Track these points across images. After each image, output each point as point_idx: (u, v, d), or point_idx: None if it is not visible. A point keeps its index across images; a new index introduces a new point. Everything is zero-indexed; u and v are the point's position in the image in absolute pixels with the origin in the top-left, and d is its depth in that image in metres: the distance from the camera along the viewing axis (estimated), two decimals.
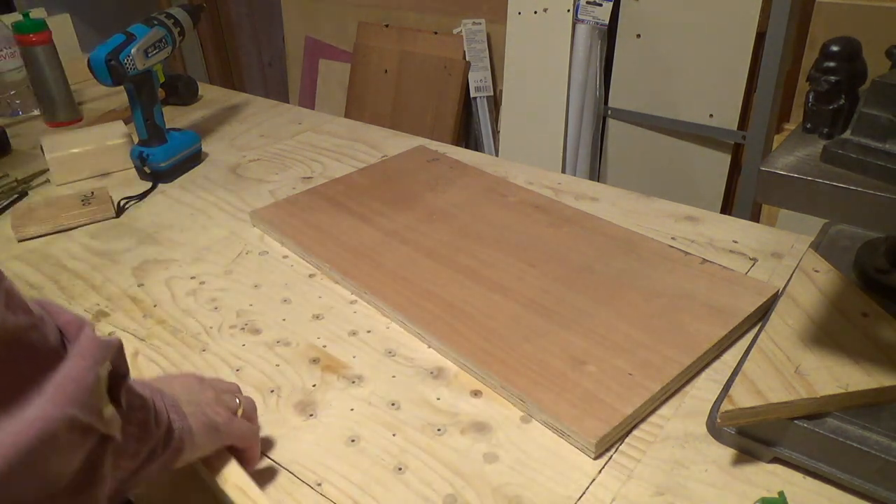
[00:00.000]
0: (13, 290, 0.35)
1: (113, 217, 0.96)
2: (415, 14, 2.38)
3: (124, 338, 0.72)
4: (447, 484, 0.54)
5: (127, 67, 0.96)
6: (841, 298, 0.62)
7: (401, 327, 0.72)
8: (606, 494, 0.53)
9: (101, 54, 0.95)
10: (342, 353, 0.69)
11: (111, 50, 0.95)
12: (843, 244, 0.70)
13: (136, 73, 0.98)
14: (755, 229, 0.85)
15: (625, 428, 0.58)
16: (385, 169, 1.03)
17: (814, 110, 0.50)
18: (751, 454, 0.55)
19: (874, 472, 0.50)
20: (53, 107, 1.27)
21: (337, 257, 0.81)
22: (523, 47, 2.08)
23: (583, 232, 0.83)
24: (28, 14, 1.23)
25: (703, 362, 0.64)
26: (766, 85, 1.61)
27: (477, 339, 0.67)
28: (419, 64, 2.35)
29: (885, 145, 0.44)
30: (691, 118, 1.89)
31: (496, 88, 2.30)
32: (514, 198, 0.92)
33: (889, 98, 0.44)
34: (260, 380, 0.66)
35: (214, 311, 0.76)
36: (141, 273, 0.83)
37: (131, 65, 0.96)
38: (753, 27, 1.71)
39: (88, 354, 0.37)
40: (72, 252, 0.89)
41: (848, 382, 0.52)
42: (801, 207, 0.47)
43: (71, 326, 0.39)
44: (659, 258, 0.77)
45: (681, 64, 1.86)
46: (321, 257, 0.81)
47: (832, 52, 0.48)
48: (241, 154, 1.14)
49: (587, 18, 1.95)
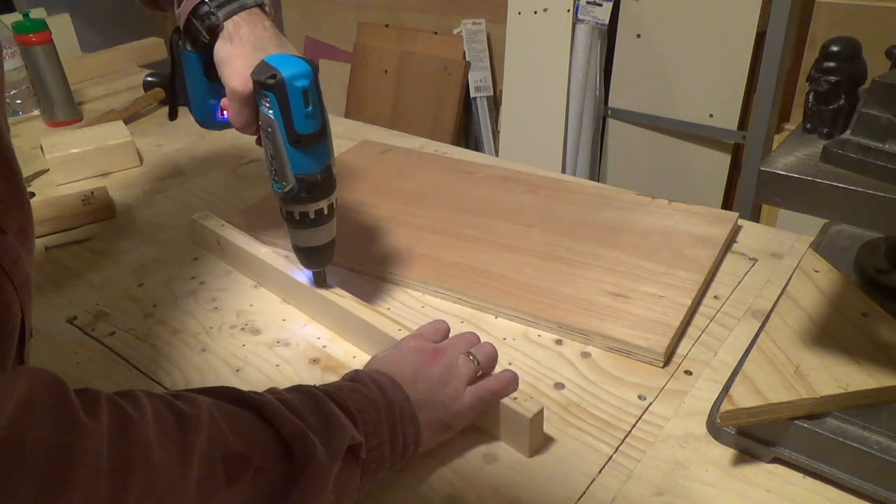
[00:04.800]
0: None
1: (113, 217, 0.96)
2: (415, 14, 2.38)
3: (124, 338, 0.72)
4: (447, 484, 0.54)
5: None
6: (841, 298, 0.61)
7: (438, 298, 0.75)
8: (606, 494, 0.53)
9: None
10: (342, 353, 0.69)
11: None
12: (843, 244, 0.70)
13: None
14: (755, 229, 0.85)
15: (676, 338, 0.67)
16: (343, 164, 1.03)
17: (814, 110, 0.50)
18: (751, 454, 0.55)
19: (874, 472, 0.50)
20: (53, 107, 1.27)
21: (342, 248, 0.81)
22: (523, 47, 2.08)
23: (559, 193, 0.91)
24: (28, 14, 1.23)
25: (708, 280, 0.75)
26: (766, 85, 1.61)
27: (521, 293, 0.73)
28: (419, 64, 2.35)
29: (885, 145, 0.44)
30: (691, 118, 1.89)
31: (496, 88, 2.30)
32: (481, 174, 0.98)
33: (889, 98, 0.44)
34: (260, 380, 0.66)
35: (214, 311, 0.76)
36: (141, 273, 0.83)
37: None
38: (753, 27, 1.71)
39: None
40: (72, 252, 0.89)
41: (848, 382, 0.52)
42: (801, 207, 0.47)
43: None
44: (634, 205, 0.87)
45: (681, 64, 1.86)
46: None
47: (832, 52, 0.48)
48: (241, 154, 1.14)
49: (587, 18, 1.95)
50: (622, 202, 0.88)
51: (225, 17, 0.60)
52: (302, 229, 0.65)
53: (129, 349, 0.71)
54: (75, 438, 0.33)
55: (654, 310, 0.69)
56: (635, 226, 0.83)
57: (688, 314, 0.69)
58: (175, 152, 1.16)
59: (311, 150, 0.60)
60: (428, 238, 0.83)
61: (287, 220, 0.65)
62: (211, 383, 0.65)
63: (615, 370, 0.65)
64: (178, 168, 1.11)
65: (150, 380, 0.66)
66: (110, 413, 0.36)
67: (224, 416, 0.43)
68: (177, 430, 0.40)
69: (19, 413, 0.32)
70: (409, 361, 0.56)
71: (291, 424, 0.45)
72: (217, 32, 0.60)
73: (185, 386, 0.65)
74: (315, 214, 0.63)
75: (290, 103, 0.57)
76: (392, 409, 0.51)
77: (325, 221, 0.64)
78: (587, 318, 0.69)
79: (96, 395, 0.37)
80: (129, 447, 0.36)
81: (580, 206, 0.88)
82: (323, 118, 0.60)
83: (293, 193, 0.61)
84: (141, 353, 0.70)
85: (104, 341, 0.72)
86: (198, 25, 0.61)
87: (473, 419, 0.58)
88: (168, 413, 0.40)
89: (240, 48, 0.59)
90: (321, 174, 0.61)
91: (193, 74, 0.67)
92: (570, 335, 0.68)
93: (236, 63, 0.59)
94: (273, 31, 0.62)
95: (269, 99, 0.57)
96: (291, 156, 0.59)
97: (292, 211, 0.63)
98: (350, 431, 0.47)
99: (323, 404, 0.48)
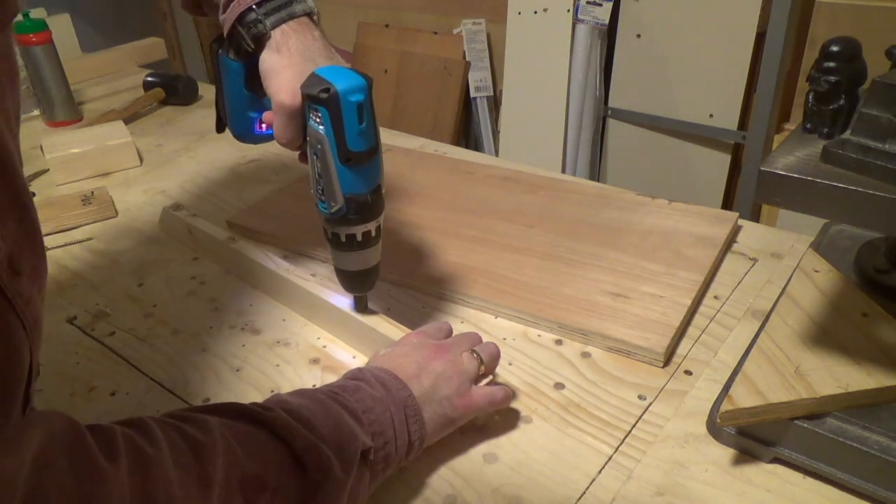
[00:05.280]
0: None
1: (113, 217, 0.96)
2: (415, 14, 2.38)
3: (124, 338, 0.72)
4: (447, 484, 0.54)
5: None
6: (841, 298, 0.61)
7: (438, 298, 0.75)
8: (606, 494, 0.53)
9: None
10: (342, 354, 0.69)
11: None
12: (843, 244, 0.70)
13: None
14: (755, 229, 0.85)
15: (676, 338, 0.67)
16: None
17: (814, 110, 0.50)
18: (751, 454, 0.55)
19: (874, 472, 0.50)
20: (53, 107, 1.27)
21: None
22: (523, 47, 2.08)
23: (558, 193, 0.91)
24: (28, 14, 1.23)
25: (708, 279, 0.75)
26: (766, 85, 1.61)
27: (521, 293, 0.73)
28: (419, 64, 2.35)
29: (885, 145, 0.44)
30: (691, 118, 1.89)
31: (496, 88, 2.30)
32: (481, 174, 0.98)
33: (889, 98, 0.44)
34: (260, 380, 0.66)
35: (214, 311, 0.76)
36: (141, 273, 0.83)
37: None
38: (753, 27, 1.71)
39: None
40: (72, 252, 0.89)
41: (848, 382, 0.52)
42: (801, 207, 0.47)
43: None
44: (634, 205, 0.87)
45: (681, 64, 1.86)
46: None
47: (832, 52, 0.48)
48: (241, 154, 1.14)
49: (587, 18, 1.95)
50: (622, 202, 0.88)
51: (273, 26, 0.56)
52: (347, 252, 0.60)
53: (129, 349, 0.71)
54: (97, 485, 0.34)
55: (654, 310, 0.69)
56: (635, 226, 0.83)
57: (688, 314, 0.69)
58: (175, 152, 1.16)
59: (362, 168, 0.56)
60: (428, 238, 0.83)
61: (331, 243, 0.61)
62: (211, 383, 0.65)
63: (615, 370, 0.65)
64: (178, 168, 1.11)
65: (151, 380, 0.66)
66: (128, 453, 0.36)
67: (237, 438, 0.43)
68: (194, 462, 0.39)
69: (39, 465, 0.32)
70: (412, 357, 0.56)
71: (303, 438, 0.45)
72: (263, 41, 0.57)
73: (185, 386, 0.65)
74: (362, 237, 0.59)
75: (343, 119, 0.53)
76: (397, 407, 0.51)
77: (372, 244, 0.61)
78: (587, 318, 0.69)
79: (112, 434, 0.37)
80: (150, 488, 0.36)
81: (580, 206, 0.88)
82: (375, 135, 0.56)
83: (340, 214, 0.57)
84: (141, 353, 0.70)
85: (104, 341, 0.72)
86: (243, 33, 0.57)
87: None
88: (182, 443, 0.40)
89: (288, 59, 0.56)
90: (371, 194, 0.57)
91: (233, 85, 0.63)
92: (570, 335, 0.69)
93: (284, 74, 0.56)
94: (323, 41, 0.59)
95: (319, 114, 0.53)
96: (341, 174, 0.55)
97: (338, 233, 0.59)
98: (361, 439, 0.47)
99: (330, 410, 0.48)
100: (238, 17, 0.57)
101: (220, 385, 0.65)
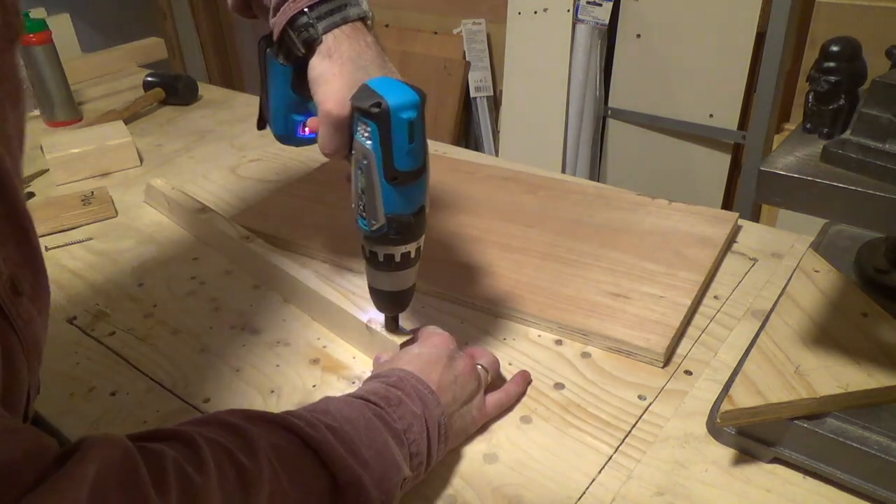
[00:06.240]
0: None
1: (113, 217, 0.96)
2: (415, 14, 2.38)
3: (124, 338, 0.72)
4: (447, 484, 0.54)
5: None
6: (841, 298, 0.61)
7: (438, 298, 0.75)
8: (606, 494, 0.53)
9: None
10: (342, 354, 0.69)
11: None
12: (843, 244, 0.70)
13: None
14: (755, 229, 0.85)
15: (676, 338, 0.67)
16: (336, 166, 1.02)
17: (814, 110, 0.50)
18: (751, 454, 0.55)
19: (874, 472, 0.50)
20: (53, 107, 1.27)
21: (342, 247, 0.82)
22: (523, 47, 2.08)
23: (558, 193, 0.92)
24: (28, 14, 1.23)
25: (708, 280, 0.75)
26: (766, 85, 1.61)
27: (521, 293, 0.73)
28: (419, 64, 2.35)
29: (885, 145, 0.44)
30: (691, 118, 1.89)
31: (496, 88, 2.30)
32: (481, 174, 0.98)
33: (889, 98, 0.44)
34: (260, 380, 0.66)
35: (214, 311, 0.76)
36: (141, 273, 0.83)
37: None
38: (753, 27, 1.71)
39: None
40: (72, 252, 0.89)
41: (848, 382, 0.52)
42: (801, 207, 0.47)
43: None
44: (633, 205, 0.87)
45: (681, 64, 1.86)
46: (330, 249, 0.82)
47: (832, 52, 0.48)
48: (241, 154, 1.14)
49: (587, 18, 1.95)
50: (622, 202, 0.88)
51: (325, 31, 0.54)
52: (384, 272, 0.58)
53: (129, 349, 0.71)
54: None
55: (654, 310, 0.69)
56: (635, 226, 0.83)
57: (688, 314, 0.69)
58: (175, 152, 1.16)
59: (408, 188, 0.53)
60: (427, 238, 0.82)
61: (368, 261, 0.58)
62: (211, 383, 0.65)
63: (615, 370, 0.65)
64: (178, 168, 1.11)
65: (151, 380, 0.66)
66: (177, 484, 0.36)
67: (283, 466, 0.43)
68: (240, 492, 0.40)
69: (93, 501, 0.32)
70: (441, 364, 0.57)
71: (347, 470, 0.45)
72: (314, 46, 0.54)
73: (185, 386, 0.65)
74: (401, 258, 0.57)
75: (393, 136, 0.50)
76: (432, 425, 0.52)
77: (411, 265, 0.58)
78: (587, 319, 0.69)
79: (163, 461, 0.37)
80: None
81: (580, 206, 0.88)
82: (424, 155, 0.53)
83: (381, 233, 0.55)
84: (141, 353, 0.70)
85: (104, 341, 0.72)
86: (294, 37, 0.54)
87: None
88: (230, 470, 0.40)
89: (339, 66, 0.53)
90: (414, 215, 0.55)
91: (279, 87, 0.61)
92: (570, 335, 0.69)
93: (334, 83, 0.53)
94: (376, 48, 0.56)
95: (368, 128, 0.51)
96: (385, 193, 0.52)
97: (377, 252, 0.57)
98: (403, 471, 0.48)
99: (374, 431, 0.48)
100: (289, 20, 0.54)
101: (220, 385, 0.65)
